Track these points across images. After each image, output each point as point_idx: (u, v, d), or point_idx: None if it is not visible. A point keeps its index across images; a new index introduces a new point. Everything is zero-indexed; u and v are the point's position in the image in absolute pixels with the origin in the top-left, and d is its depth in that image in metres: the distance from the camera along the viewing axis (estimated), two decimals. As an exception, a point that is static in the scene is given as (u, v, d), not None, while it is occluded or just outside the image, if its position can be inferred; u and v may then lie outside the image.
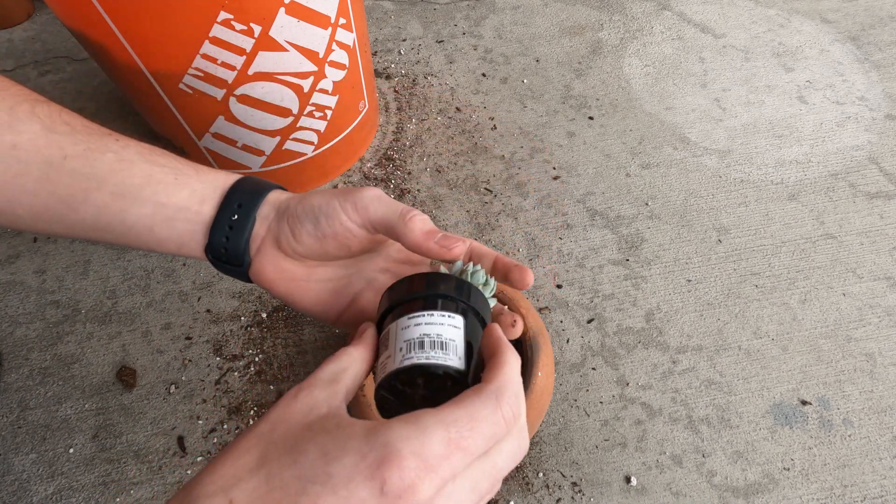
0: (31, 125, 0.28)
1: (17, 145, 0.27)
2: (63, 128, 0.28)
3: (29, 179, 0.27)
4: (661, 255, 0.66)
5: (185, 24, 0.47)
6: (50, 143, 0.28)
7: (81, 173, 0.28)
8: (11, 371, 0.59)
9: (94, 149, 0.28)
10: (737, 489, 0.51)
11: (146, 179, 0.28)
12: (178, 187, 0.28)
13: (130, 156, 0.28)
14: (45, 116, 0.28)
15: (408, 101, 0.83)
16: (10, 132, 0.27)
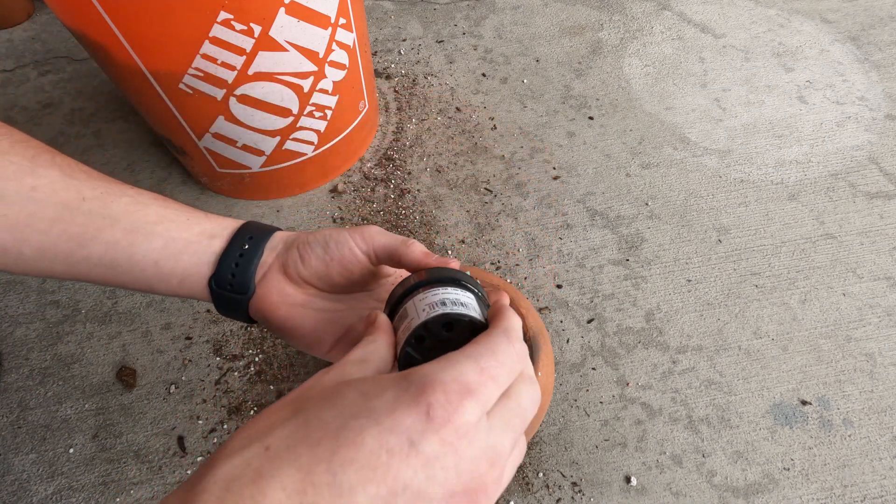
0: (51, 171, 0.29)
1: (37, 188, 0.29)
2: (81, 175, 0.30)
3: (43, 219, 0.29)
4: (661, 255, 0.66)
5: (185, 24, 0.47)
6: (68, 187, 0.29)
7: (97, 213, 0.30)
8: (11, 371, 0.59)
9: (111, 193, 0.30)
10: (737, 489, 0.51)
11: (159, 218, 0.30)
12: (190, 225, 0.31)
13: (145, 200, 0.30)
14: (65, 165, 0.30)
15: (408, 101, 0.83)
16: (31, 176, 0.29)
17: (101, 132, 0.80)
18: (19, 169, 0.29)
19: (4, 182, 0.28)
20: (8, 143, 0.29)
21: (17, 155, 0.29)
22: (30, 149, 0.29)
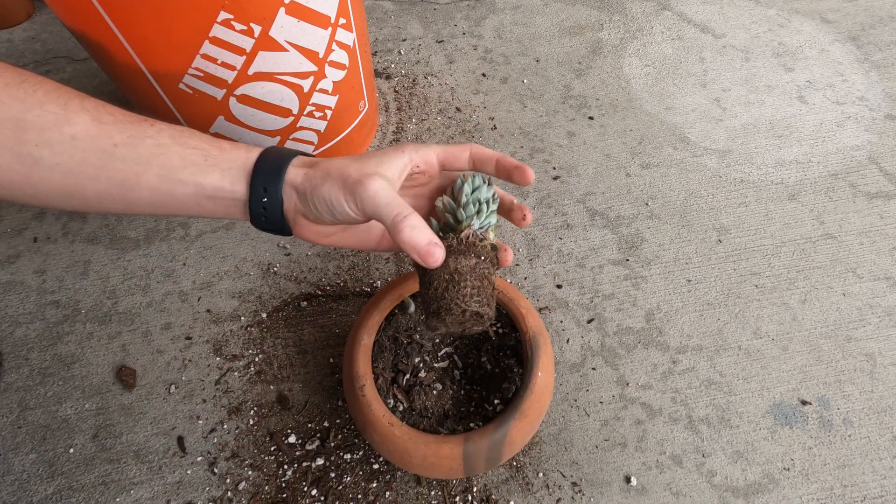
0: (83, 117, 0.32)
1: (76, 136, 0.32)
2: (107, 118, 0.33)
3: (90, 166, 0.33)
4: (661, 255, 0.66)
5: (185, 25, 0.47)
6: (101, 133, 0.32)
7: (130, 158, 0.33)
8: (11, 371, 0.59)
9: (136, 135, 0.33)
10: (737, 489, 0.51)
11: (182, 161, 0.33)
12: (209, 168, 0.34)
13: (165, 140, 0.33)
14: (92, 109, 0.33)
15: (408, 101, 0.83)
16: (67, 125, 0.32)
17: (101, 132, 0.80)
18: (57, 118, 0.31)
19: (48, 132, 0.31)
20: (43, 93, 0.32)
21: (52, 104, 0.31)
22: (62, 96, 0.32)
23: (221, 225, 0.70)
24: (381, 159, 0.34)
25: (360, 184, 0.31)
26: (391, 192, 0.32)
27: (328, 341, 0.61)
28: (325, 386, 0.58)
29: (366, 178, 0.32)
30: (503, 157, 0.38)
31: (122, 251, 0.68)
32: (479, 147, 0.38)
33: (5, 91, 0.31)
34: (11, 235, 0.70)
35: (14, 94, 0.31)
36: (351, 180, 0.32)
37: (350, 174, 0.32)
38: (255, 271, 0.66)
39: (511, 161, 0.37)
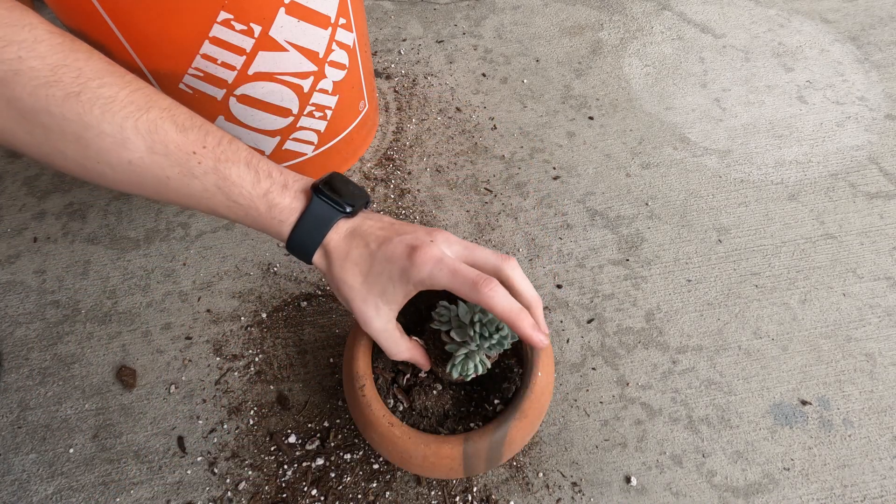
0: (137, 143, 0.34)
1: (132, 161, 0.34)
2: (160, 147, 0.34)
3: (148, 188, 0.36)
4: (661, 255, 0.66)
5: (185, 25, 0.47)
6: (154, 164, 0.34)
7: (182, 192, 0.36)
8: (11, 371, 0.59)
9: (185, 174, 0.35)
10: (737, 489, 0.51)
11: (227, 210, 0.37)
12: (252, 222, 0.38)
13: (210, 185, 0.35)
14: (146, 133, 0.34)
15: (408, 101, 0.83)
16: (124, 150, 0.33)
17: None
18: (114, 142, 0.33)
19: (107, 154, 0.33)
20: (100, 110, 0.32)
21: (107, 123, 0.33)
22: (117, 114, 0.33)
23: (221, 225, 0.70)
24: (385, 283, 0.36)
25: (364, 324, 0.38)
26: (388, 334, 0.39)
27: (328, 341, 0.61)
28: (325, 386, 0.58)
29: (365, 322, 0.38)
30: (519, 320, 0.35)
31: (122, 251, 0.68)
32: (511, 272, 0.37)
33: (66, 104, 0.32)
34: (11, 235, 0.70)
35: (74, 107, 0.32)
36: (356, 315, 0.38)
37: (354, 310, 0.38)
38: (255, 271, 0.66)
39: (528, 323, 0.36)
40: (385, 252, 0.35)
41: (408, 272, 0.35)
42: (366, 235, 0.37)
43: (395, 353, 0.40)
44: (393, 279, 0.35)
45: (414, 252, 0.35)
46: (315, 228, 0.37)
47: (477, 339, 0.38)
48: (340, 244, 0.37)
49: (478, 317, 0.38)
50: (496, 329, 0.38)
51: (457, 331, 0.40)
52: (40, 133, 0.32)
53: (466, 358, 0.39)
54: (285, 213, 0.37)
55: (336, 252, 0.37)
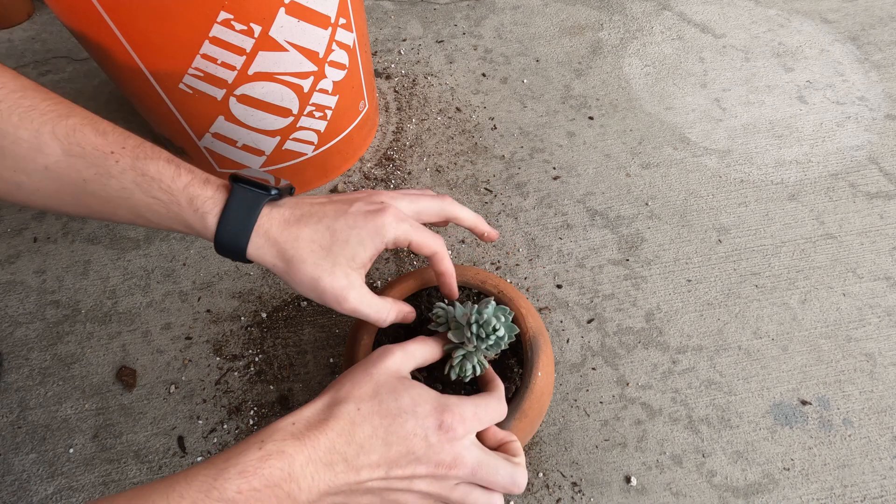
0: (54, 147, 0.33)
1: (48, 167, 0.33)
2: (76, 149, 0.33)
3: (66, 195, 0.34)
4: (661, 255, 0.66)
5: (185, 25, 0.47)
6: (70, 167, 0.33)
7: (100, 196, 0.34)
8: (11, 371, 0.60)
9: (102, 174, 0.34)
10: (737, 489, 0.51)
11: (147, 209, 0.35)
12: (172, 219, 0.35)
13: (128, 184, 0.34)
14: (63, 137, 0.33)
15: (408, 101, 0.83)
16: (40, 155, 0.33)
17: (101, 132, 0.79)
18: (30, 147, 0.32)
19: (23, 161, 0.33)
20: (18, 117, 0.32)
21: (24, 129, 0.32)
22: (35, 120, 0.33)
23: (221, 225, 0.70)
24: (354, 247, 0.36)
25: (338, 303, 0.36)
26: (368, 300, 0.37)
27: (328, 341, 0.61)
28: (324, 386, 0.58)
29: (341, 297, 0.36)
30: (475, 228, 0.44)
31: (122, 251, 0.68)
32: (456, 211, 0.42)
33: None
34: (11, 235, 0.70)
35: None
36: (326, 297, 0.36)
37: (322, 285, 0.35)
38: (255, 271, 0.66)
39: (482, 229, 0.44)
40: (347, 221, 0.36)
41: (380, 232, 0.36)
42: (315, 214, 0.36)
43: (382, 317, 0.39)
44: (363, 242, 0.36)
45: (379, 214, 0.36)
46: (244, 216, 0.35)
47: (474, 339, 0.38)
48: (286, 229, 0.36)
49: (474, 317, 0.38)
50: (493, 330, 0.38)
51: (454, 332, 0.40)
52: None
53: (464, 359, 0.39)
54: (208, 203, 0.34)
55: (283, 236, 0.35)
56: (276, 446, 0.28)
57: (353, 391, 0.32)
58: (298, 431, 0.29)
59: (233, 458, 0.27)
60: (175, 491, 0.25)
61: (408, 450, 0.31)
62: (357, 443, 0.30)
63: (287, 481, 0.27)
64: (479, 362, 0.40)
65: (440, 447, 0.32)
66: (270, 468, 0.27)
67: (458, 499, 0.33)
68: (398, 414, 0.32)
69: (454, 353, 0.40)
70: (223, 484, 0.26)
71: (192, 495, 0.25)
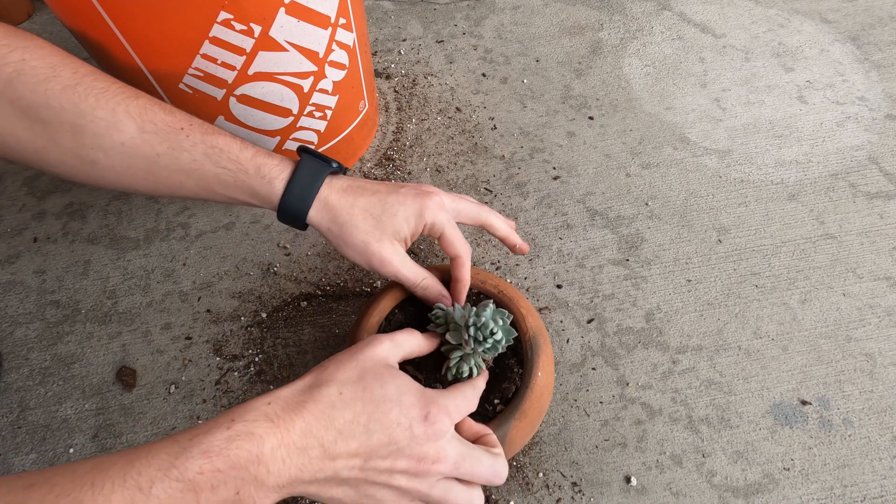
0: (129, 125, 0.36)
1: (124, 143, 0.36)
2: (150, 126, 0.36)
3: (139, 171, 0.37)
4: (661, 255, 0.66)
5: (185, 25, 0.47)
6: (144, 143, 0.36)
7: (171, 167, 0.37)
8: (11, 371, 0.60)
9: (174, 147, 0.36)
10: (737, 489, 0.51)
11: (216, 179, 0.37)
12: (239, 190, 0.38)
13: (199, 156, 0.37)
14: (137, 115, 0.36)
15: (408, 101, 0.83)
16: (116, 132, 0.35)
17: (101, 132, 0.79)
18: (107, 125, 0.35)
19: (101, 138, 0.35)
20: (94, 98, 0.35)
21: (102, 109, 0.35)
22: (110, 100, 0.35)
23: (221, 225, 0.70)
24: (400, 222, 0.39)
25: (382, 265, 0.40)
26: (407, 265, 0.41)
27: (328, 341, 0.61)
28: (325, 386, 0.58)
29: (386, 261, 0.40)
30: (507, 238, 0.47)
31: (122, 251, 0.68)
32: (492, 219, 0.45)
33: (63, 95, 0.34)
34: (11, 235, 0.70)
35: (71, 98, 0.34)
36: (373, 259, 0.39)
37: (371, 249, 0.39)
38: (255, 271, 0.66)
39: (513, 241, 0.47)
40: (397, 198, 0.39)
41: (423, 213, 0.40)
42: (369, 186, 0.40)
43: (419, 280, 0.42)
44: (408, 218, 0.39)
45: (426, 196, 0.40)
46: (309, 183, 0.38)
47: (472, 342, 0.38)
48: (343, 196, 0.39)
49: (472, 320, 0.38)
50: (490, 333, 0.38)
51: (452, 333, 0.40)
52: (39, 128, 0.35)
53: (461, 360, 0.39)
54: (275, 170, 0.38)
55: (341, 203, 0.39)
56: (245, 427, 0.27)
57: (337, 374, 0.31)
58: (273, 413, 0.28)
59: (198, 437, 0.27)
60: (133, 467, 0.25)
61: (390, 439, 0.30)
62: (336, 428, 0.29)
63: (255, 464, 0.26)
64: (477, 364, 0.40)
65: (424, 440, 0.31)
66: (237, 449, 0.26)
67: (439, 496, 0.32)
68: (382, 401, 0.31)
69: (452, 354, 0.40)
70: (184, 463, 0.25)
71: (150, 473, 0.24)
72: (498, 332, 0.38)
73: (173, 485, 0.24)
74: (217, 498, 0.25)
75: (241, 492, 0.26)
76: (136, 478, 0.24)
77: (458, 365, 0.39)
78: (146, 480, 0.24)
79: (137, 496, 0.23)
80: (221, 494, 0.25)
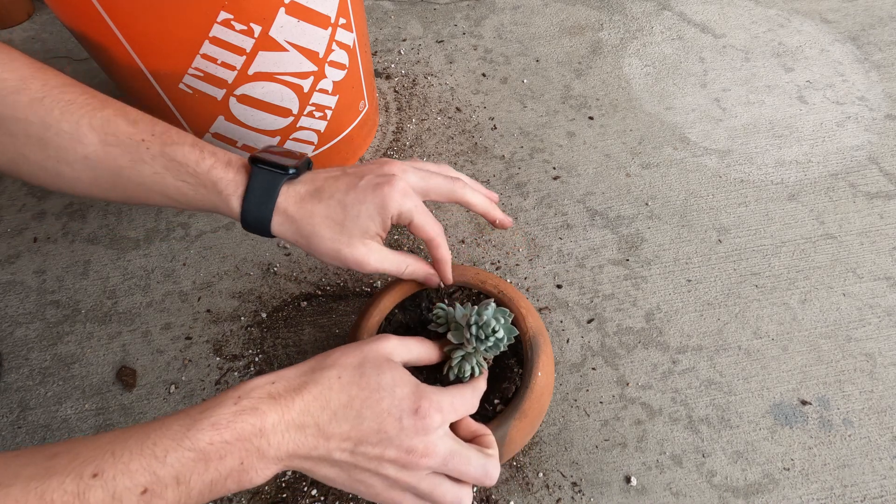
0: (91, 138, 0.35)
1: (87, 156, 0.36)
2: (112, 139, 0.36)
3: (105, 183, 0.37)
4: (661, 255, 0.66)
5: (185, 25, 0.47)
6: (107, 155, 0.36)
7: (136, 181, 0.37)
8: (11, 371, 0.60)
9: (136, 160, 0.36)
10: (737, 489, 0.51)
11: (177, 192, 0.37)
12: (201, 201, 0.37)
13: (160, 169, 0.36)
14: (99, 128, 0.36)
15: (408, 102, 0.83)
16: (80, 145, 0.35)
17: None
18: (71, 138, 0.35)
19: (64, 151, 0.35)
20: (59, 111, 0.35)
21: (66, 122, 0.35)
22: (74, 113, 0.35)
23: (221, 225, 0.70)
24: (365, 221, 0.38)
25: (360, 267, 0.39)
26: (387, 259, 0.40)
27: (328, 341, 0.61)
28: (325, 386, 0.58)
29: (362, 263, 0.39)
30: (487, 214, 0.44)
31: (122, 251, 0.68)
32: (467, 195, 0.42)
33: (30, 108, 0.34)
34: (11, 235, 0.70)
35: (37, 111, 0.34)
36: (349, 264, 0.38)
37: (343, 255, 0.38)
38: (255, 271, 0.66)
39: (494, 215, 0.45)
40: (356, 196, 0.38)
41: (386, 206, 0.38)
42: (327, 189, 0.38)
43: (402, 269, 0.41)
44: (372, 216, 0.38)
45: (386, 186, 0.38)
46: (264, 196, 0.37)
47: (473, 341, 0.38)
48: (303, 206, 0.38)
49: (474, 319, 0.38)
50: (492, 331, 0.38)
51: (453, 333, 0.40)
52: (8, 140, 0.35)
53: (463, 360, 0.39)
54: (231, 186, 0.37)
55: (300, 213, 0.38)
56: (250, 402, 0.29)
57: (339, 360, 0.33)
58: (276, 391, 0.30)
59: (208, 411, 0.28)
60: (149, 438, 0.27)
61: (379, 427, 0.31)
62: (331, 409, 0.31)
63: (257, 436, 0.28)
64: (478, 363, 0.40)
65: (413, 432, 0.32)
66: (242, 423, 0.28)
67: (427, 489, 0.33)
68: (376, 389, 0.32)
69: (453, 353, 0.40)
70: (196, 434, 0.27)
71: (165, 444, 0.26)
72: (500, 331, 0.38)
73: (186, 454, 0.27)
74: (224, 466, 0.28)
75: (244, 462, 0.28)
76: (151, 447, 0.26)
77: (459, 364, 0.39)
78: (161, 450, 0.26)
79: (153, 464, 0.26)
80: (228, 463, 0.28)
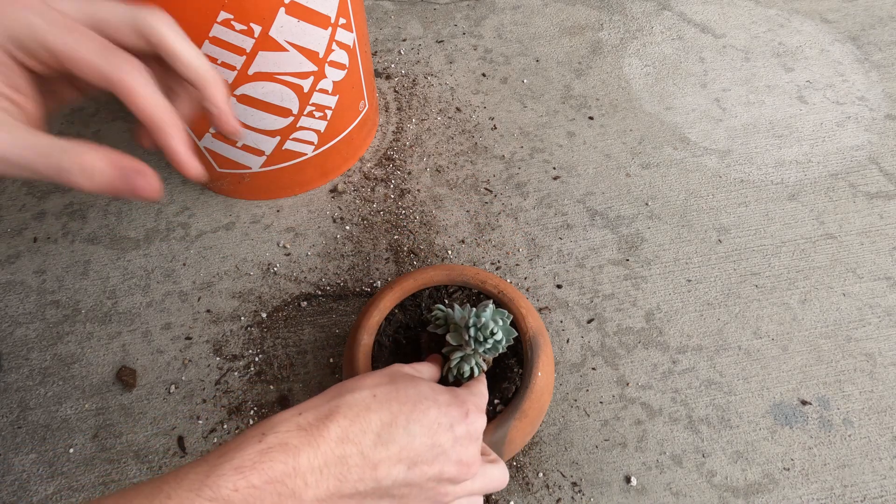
0: None
1: None
2: None
3: None
4: (661, 255, 0.66)
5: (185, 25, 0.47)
6: None
7: None
8: (11, 371, 0.60)
9: None
10: (737, 489, 0.51)
11: None
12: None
13: None
14: None
15: (408, 101, 0.83)
16: None
17: (101, 132, 0.80)
18: None
19: None
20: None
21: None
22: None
23: (221, 225, 0.70)
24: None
25: None
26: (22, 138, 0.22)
27: (328, 341, 0.61)
28: (325, 386, 0.58)
29: None
30: (205, 86, 0.26)
31: (122, 251, 0.68)
32: (160, 29, 0.24)
33: None
34: (11, 235, 0.70)
35: None
36: None
37: None
38: (255, 271, 0.66)
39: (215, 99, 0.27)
40: None
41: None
42: None
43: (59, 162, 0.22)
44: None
45: None
46: None
47: (472, 343, 0.38)
48: None
49: (472, 320, 0.38)
50: (491, 333, 0.38)
51: (452, 334, 0.40)
52: None
53: (462, 361, 0.40)
54: None
55: None
56: (278, 438, 0.25)
57: (365, 381, 0.29)
58: (305, 422, 0.26)
59: (229, 454, 0.24)
60: (162, 492, 0.22)
61: (433, 442, 0.27)
62: (373, 431, 0.26)
63: (291, 477, 0.24)
64: (477, 364, 0.40)
65: (466, 441, 0.29)
66: (272, 462, 0.24)
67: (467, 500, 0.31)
68: (419, 400, 0.28)
69: (452, 354, 0.40)
70: (216, 481, 0.23)
71: (180, 495, 0.22)
72: (498, 333, 0.38)
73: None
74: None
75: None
76: (164, 501, 0.22)
77: (458, 365, 0.39)
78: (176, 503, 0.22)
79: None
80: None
